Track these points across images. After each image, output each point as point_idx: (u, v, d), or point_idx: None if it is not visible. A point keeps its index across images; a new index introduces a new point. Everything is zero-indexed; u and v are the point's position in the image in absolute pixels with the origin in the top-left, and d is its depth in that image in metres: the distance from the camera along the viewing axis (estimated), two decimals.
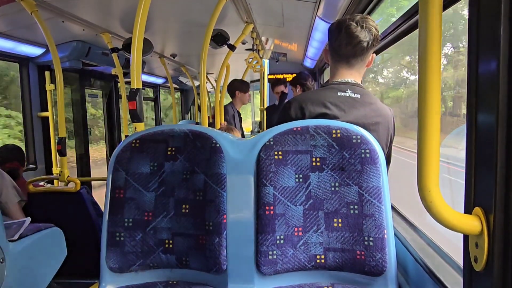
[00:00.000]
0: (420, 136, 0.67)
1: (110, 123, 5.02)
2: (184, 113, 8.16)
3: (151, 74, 5.86)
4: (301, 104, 1.43)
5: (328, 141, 1.24)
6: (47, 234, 2.36)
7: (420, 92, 0.67)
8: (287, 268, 1.21)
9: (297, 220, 1.22)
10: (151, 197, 1.31)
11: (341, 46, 1.42)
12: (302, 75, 3.74)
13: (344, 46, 1.41)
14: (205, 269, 1.25)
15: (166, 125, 1.39)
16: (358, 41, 1.38)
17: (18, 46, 3.25)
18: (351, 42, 1.39)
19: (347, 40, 1.40)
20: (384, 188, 1.20)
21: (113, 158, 1.34)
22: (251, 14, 3.03)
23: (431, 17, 0.65)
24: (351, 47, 1.40)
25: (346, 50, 1.42)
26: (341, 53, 1.44)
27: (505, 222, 0.61)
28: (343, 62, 1.46)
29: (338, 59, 1.47)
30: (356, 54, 1.42)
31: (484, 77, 0.65)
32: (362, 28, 1.37)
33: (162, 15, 3.05)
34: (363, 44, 1.39)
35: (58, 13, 2.74)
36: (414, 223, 1.50)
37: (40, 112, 3.66)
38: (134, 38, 1.65)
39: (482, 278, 0.66)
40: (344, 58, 1.45)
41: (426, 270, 1.12)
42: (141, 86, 1.68)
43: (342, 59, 1.46)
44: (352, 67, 1.46)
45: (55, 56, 2.74)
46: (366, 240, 1.17)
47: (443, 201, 0.66)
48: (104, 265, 1.29)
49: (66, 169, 2.84)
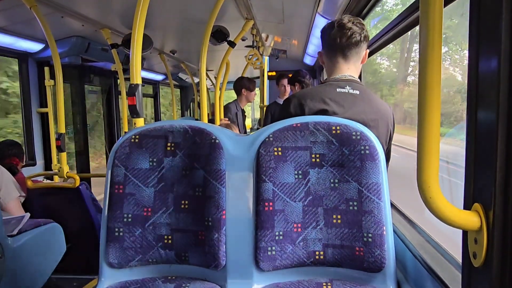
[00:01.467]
0: (420, 132, 0.67)
1: (110, 119, 5.02)
2: (184, 110, 8.15)
3: (151, 70, 5.85)
4: (301, 101, 1.44)
5: (327, 138, 1.24)
6: (46, 230, 2.36)
7: (421, 88, 0.67)
8: (286, 264, 1.22)
9: (296, 216, 1.23)
10: (150, 193, 1.31)
11: (336, 39, 1.47)
12: (300, 73, 3.79)
13: (339, 38, 1.47)
14: (204, 264, 1.26)
15: (165, 121, 1.39)
16: (352, 33, 1.45)
17: (17, 41, 3.24)
18: (346, 34, 1.45)
19: (341, 32, 1.46)
20: (383, 184, 1.20)
21: (113, 153, 1.34)
22: (251, 10, 3.02)
23: (432, 13, 0.64)
24: (345, 39, 1.46)
25: (341, 42, 1.47)
26: (336, 46, 1.48)
27: (504, 218, 0.62)
28: (339, 55, 1.49)
29: (334, 53, 1.50)
30: (350, 45, 1.47)
31: (484, 74, 0.65)
32: (352, 23, 1.45)
33: (162, 11, 3.04)
34: (357, 36, 1.45)
35: (57, 9, 2.73)
36: (413, 219, 1.51)
37: (39, 108, 3.65)
38: (134, 34, 1.64)
39: (481, 274, 0.66)
40: (340, 51, 1.49)
41: (424, 266, 1.13)
42: (141, 82, 1.67)
43: (338, 52, 1.49)
44: (349, 61, 1.49)
45: (54, 52, 2.73)
46: (365, 236, 1.18)
47: (442, 197, 0.66)
48: (103, 261, 1.30)
49: (66, 165, 2.84)
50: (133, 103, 1.64)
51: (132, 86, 1.65)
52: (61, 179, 2.96)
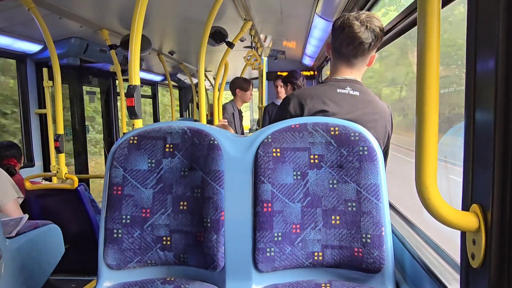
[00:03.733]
0: (418, 133, 0.67)
1: (108, 120, 5.01)
2: (183, 111, 8.15)
3: (149, 71, 5.85)
4: (301, 100, 1.43)
5: (326, 139, 1.24)
6: (44, 231, 2.36)
7: (419, 89, 0.67)
8: (285, 265, 1.22)
9: (295, 217, 1.23)
10: (149, 194, 1.31)
11: (343, 45, 1.41)
12: (293, 74, 3.80)
13: (346, 46, 1.40)
14: (202, 266, 1.26)
15: (164, 122, 1.39)
16: (360, 42, 1.37)
17: (15, 42, 3.24)
18: (353, 43, 1.38)
19: (348, 40, 1.38)
20: (382, 185, 1.20)
21: (111, 155, 1.33)
22: (250, 11, 3.02)
23: (430, 15, 0.65)
24: (352, 47, 1.39)
25: (347, 50, 1.41)
26: (342, 53, 1.43)
27: (502, 219, 0.62)
28: (343, 61, 1.45)
29: (339, 58, 1.46)
30: (357, 54, 1.41)
31: (482, 75, 0.65)
32: (366, 29, 1.35)
33: (161, 12, 3.04)
34: (365, 45, 1.37)
35: (55, 10, 2.72)
36: (411, 220, 1.51)
37: (37, 109, 3.65)
38: (132, 35, 1.64)
39: (479, 274, 0.66)
40: (345, 58, 1.44)
41: (423, 267, 1.13)
42: (139, 83, 1.67)
43: (343, 59, 1.45)
44: (353, 67, 1.45)
45: (52, 53, 2.72)
46: (364, 237, 1.18)
47: (440, 198, 0.66)
48: (102, 262, 1.29)
49: (64, 166, 2.84)
50: (132, 104, 1.64)
51: (131, 87, 1.64)
52: (60, 180, 2.95)
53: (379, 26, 1.36)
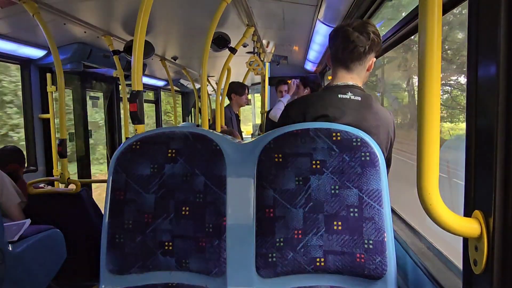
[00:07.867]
0: (419, 139, 0.67)
1: (111, 125, 5.03)
2: (185, 116, 8.17)
3: (152, 76, 5.87)
4: (302, 106, 1.44)
5: (328, 144, 1.24)
6: (47, 236, 2.36)
7: (420, 95, 0.67)
8: (287, 271, 1.21)
9: (297, 223, 1.22)
10: (151, 199, 1.31)
11: (338, 51, 1.46)
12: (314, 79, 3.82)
13: (341, 51, 1.45)
14: (204, 271, 1.25)
15: (166, 127, 1.40)
16: (354, 46, 1.41)
17: (20, 48, 3.26)
18: (348, 47, 1.43)
19: (343, 45, 1.43)
20: (384, 191, 1.20)
21: (114, 159, 1.34)
22: (252, 17, 3.04)
23: (431, 21, 0.65)
24: (347, 52, 1.44)
25: (343, 55, 1.45)
26: (339, 58, 1.48)
27: (505, 225, 0.62)
28: (342, 66, 1.49)
29: (337, 63, 1.50)
30: (353, 58, 1.45)
31: (483, 81, 0.65)
32: (359, 33, 1.40)
33: (164, 18, 3.06)
34: (360, 49, 1.42)
35: (59, 16, 2.75)
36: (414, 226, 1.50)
37: (41, 114, 3.67)
38: (135, 40, 1.65)
39: (481, 281, 0.66)
40: (342, 63, 1.48)
41: (425, 273, 1.12)
42: (142, 88, 1.68)
43: (341, 64, 1.49)
44: (352, 71, 1.48)
45: (56, 58, 2.74)
46: (366, 243, 1.17)
47: (442, 204, 0.66)
48: (104, 267, 1.29)
49: (67, 171, 2.85)
50: (135, 109, 1.65)
51: (134, 92, 1.65)
52: (63, 185, 2.96)
53: (373, 31, 1.41)
